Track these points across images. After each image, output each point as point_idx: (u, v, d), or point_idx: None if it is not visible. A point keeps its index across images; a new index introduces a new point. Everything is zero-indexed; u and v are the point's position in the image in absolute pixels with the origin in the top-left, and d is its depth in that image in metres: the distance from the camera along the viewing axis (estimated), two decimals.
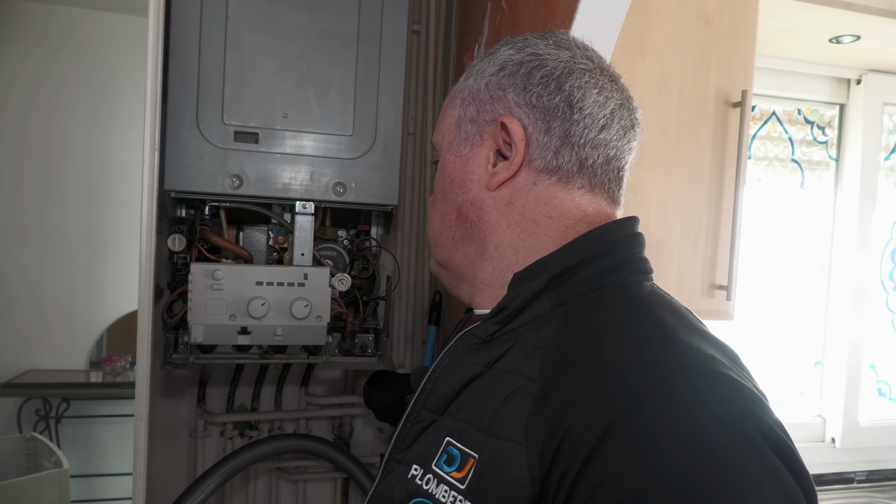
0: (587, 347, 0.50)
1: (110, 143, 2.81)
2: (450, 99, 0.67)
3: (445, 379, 0.56)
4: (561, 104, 0.58)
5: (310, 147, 1.16)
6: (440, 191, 0.66)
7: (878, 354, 2.00)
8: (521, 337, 0.54)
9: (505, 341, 0.55)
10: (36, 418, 2.67)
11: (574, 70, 0.59)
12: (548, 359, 0.50)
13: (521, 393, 0.49)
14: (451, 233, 0.64)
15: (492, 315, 0.56)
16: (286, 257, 1.20)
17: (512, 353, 0.53)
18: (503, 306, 0.55)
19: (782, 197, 1.89)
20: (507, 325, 0.55)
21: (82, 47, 2.76)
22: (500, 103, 0.60)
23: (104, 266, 2.83)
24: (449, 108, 0.66)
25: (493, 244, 0.61)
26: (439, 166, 0.66)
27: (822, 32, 1.57)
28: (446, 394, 0.55)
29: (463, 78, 0.66)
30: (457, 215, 0.63)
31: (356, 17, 1.17)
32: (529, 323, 0.54)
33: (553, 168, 0.58)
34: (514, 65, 0.60)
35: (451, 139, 0.64)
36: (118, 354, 2.81)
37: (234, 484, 1.49)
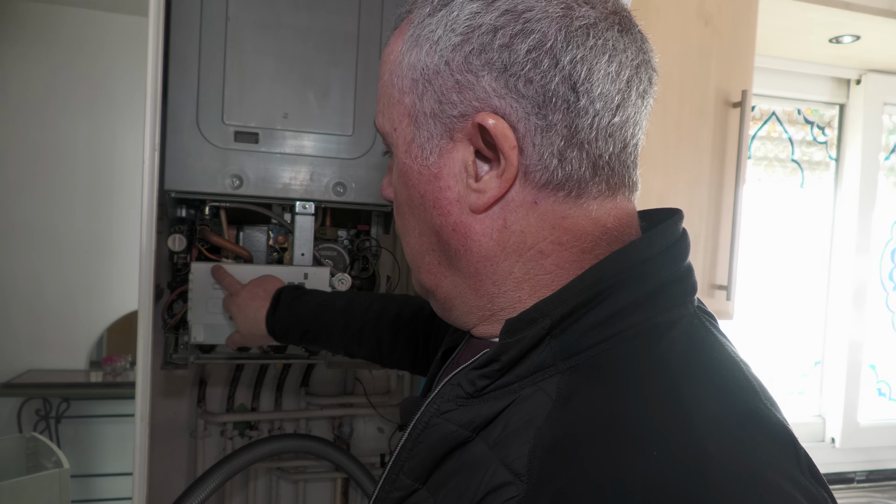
0: (584, 448, 0.37)
1: (110, 143, 2.81)
2: (390, 72, 0.48)
3: (427, 441, 0.45)
4: (560, 88, 0.41)
5: (310, 147, 1.16)
6: (406, 202, 0.49)
7: (878, 354, 2.00)
8: (519, 396, 0.41)
9: (497, 398, 0.42)
10: (36, 418, 2.67)
11: (573, 32, 0.42)
12: (538, 450, 0.38)
13: (501, 494, 0.38)
14: (434, 257, 0.49)
15: (481, 366, 0.43)
16: (286, 257, 1.20)
17: (503, 417, 0.41)
18: (493, 358, 0.42)
19: (782, 197, 1.89)
20: (500, 379, 0.43)
21: (82, 47, 2.76)
22: (470, 92, 0.43)
23: (104, 266, 2.83)
24: (392, 89, 0.47)
25: (489, 279, 0.46)
26: (398, 168, 0.49)
27: (822, 32, 1.57)
28: (426, 460, 0.44)
29: (405, 41, 0.46)
30: (437, 239, 0.48)
31: (356, 17, 1.17)
32: (528, 378, 0.41)
33: (559, 180, 0.43)
34: (484, 32, 0.42)
35: (408, 138, 0.47)
36: (118, 354, 2.81)
37: (234, 484, 1.49)
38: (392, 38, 0.49)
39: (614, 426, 0.37)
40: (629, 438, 0.36)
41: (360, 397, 1.55)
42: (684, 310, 0.44)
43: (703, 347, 0.43)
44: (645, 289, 0.42)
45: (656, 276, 0.43)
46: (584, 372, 0.40)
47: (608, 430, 0.37)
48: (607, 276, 0.41)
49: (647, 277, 0.42)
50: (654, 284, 0.42)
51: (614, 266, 0.42)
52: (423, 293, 0.54)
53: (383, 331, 0.94)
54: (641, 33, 0.47)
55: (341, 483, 1.57)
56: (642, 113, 0.46)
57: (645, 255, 0.43)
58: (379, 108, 0.50)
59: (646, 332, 0.41)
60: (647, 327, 0.41)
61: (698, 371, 0.40)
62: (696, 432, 0.36)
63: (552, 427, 0.38)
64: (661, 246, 0.43)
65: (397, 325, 0.93)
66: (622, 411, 0.37)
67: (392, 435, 1.62)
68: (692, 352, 0.42)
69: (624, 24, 0.45)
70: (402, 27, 0.47)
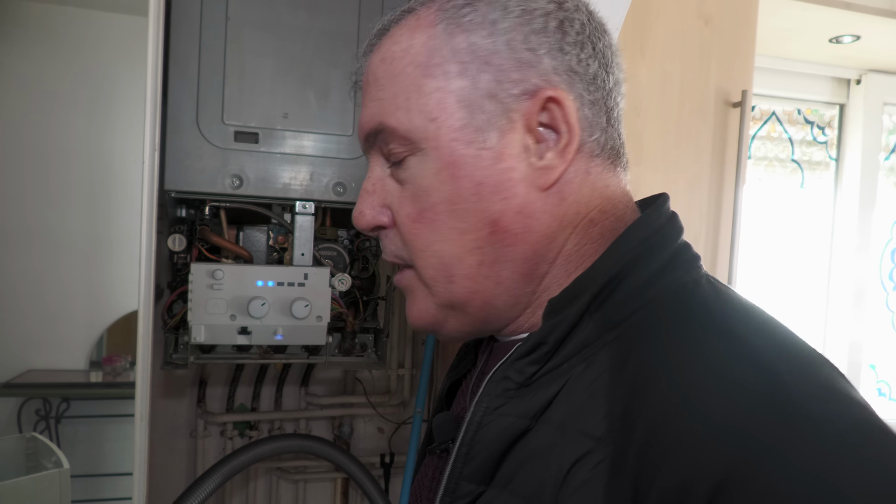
0: (660, 392, 0.36)
1: (110, 143, 2.81)
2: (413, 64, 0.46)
3: (484, 440, 0.43)
4: (600, 71, 0.46)
5: (310, 147, 1.16)
6: (445, 201, 0.46)
7: (878, 354, 2.00)
8: (571, 375, 0.42)
9: (549, 382, 0.42)
10: (36, 418, 2.67)
11: (596, 24, 0.48)
12: (614, 413, 0.38)
13: (588, 461, 0.37)
14: (475, 258, 0.46)
15: (528, 352, 0.43)
16: (286, 257, 1.20)
17: (562, 398, 0.41)
18: (541, 341, 0.43)
19: (782, 197, 1.89)
20: (549, 362, 0.43)
21: (82, 47, 2.76)
22: (532, 70, 0.44)
23: (104, 266, 2.83)
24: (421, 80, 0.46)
25: (544, 259, 0.46)
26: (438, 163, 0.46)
27: (822, 32, 1.57)
28: (487, 459, 0.43)
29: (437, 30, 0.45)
30: (490, 231, 0.45)
31: (356, 17, 1.17)
32: (576, 356, 0.42)
33: (606, 152, 0.47)
34: (539, 14, 0.45)
35: (459, 124, 0.45)
36: (118, 354, 2.81)
37: (234, 484, 1.49)
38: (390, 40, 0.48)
39: (683, 364, 0.37)
40: (702, 371, 0.36)
41: (360, 397, 1.55)
42: (699, 272, 0.46)
43: (731, 297, 0.44)
44: (666, 254, 0.44)
45: (671, 242, 0.45)
46: (630, 338, 0.41)
47: (679, 369, 0.37)
48: (634, 244, 0.44)
49: (664, 244, 0.45)
50: (671, 250, 0.45)
51: (638, 236, 0.44)
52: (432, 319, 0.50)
53: None
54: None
55: (341, 483, 1.57)
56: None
57: (655, 226, 0.45)
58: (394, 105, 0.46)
59: (678, 291, 0.43)
60: (677, 287, 0.43)
61: (739, 313, 0.42)
62: (763, 357, 0.36)
63: (619, 388, 0.39)
64: (664, 217, 0.46)
65: None
66: (686, 351, 0.38)
67: (392, 435, 1.62)
68: (725, 300, 0.43)
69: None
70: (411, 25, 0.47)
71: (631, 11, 0.88)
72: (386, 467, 1.56)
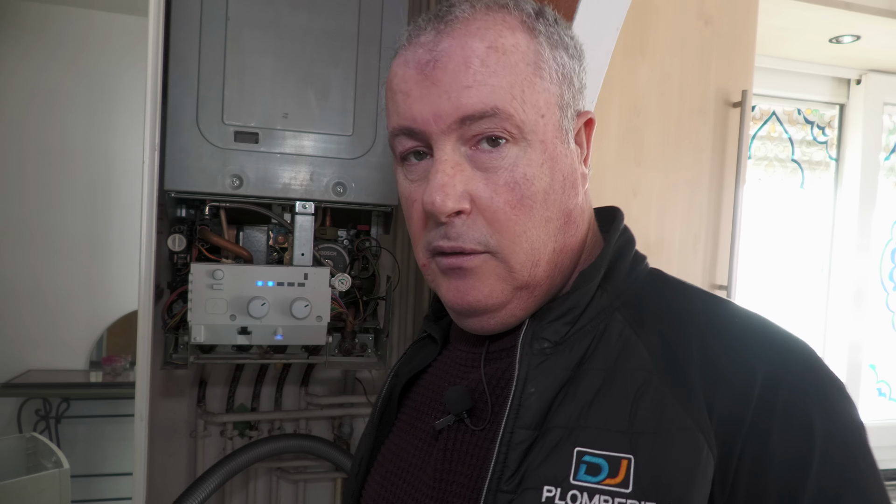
0: (684, 328, 0.51)
1: (110, 143, 2.81)
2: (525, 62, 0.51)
3: (536, 392, 0.51)
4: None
5: (310, 147, 1.16)
6: (546, 189, 0.52)
7: (878, 354, 2.00)
8: (595, 332, 0.53)
9: (580, 339, 0.53)
10: (36, 418, 2.67)
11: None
12: (654, 348, 0.50)
13: (650, 386, 0.48)
14: (553, 244, 0.54)
15: (562, 315, 0.53)
16: (286, 257, 1.20)
17: (598, 350, 0.52)
18: (574, 305, 0.53)
19: (782, 197, 1.89)
20: (576, 323, 0.53)
21: (82, 47, 2.76)
22: (581, 95, 0.57)
23: (104, 266, 2.83)
24: (535, 78, 0.52)
25: (576, 250, 0.57)
26: (545, 154, 0.52)
27: (822, 32, 1.57)
28: (541, 406, 0.51)
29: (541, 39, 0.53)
30: (565, 221, 0.54)
31: (356, 17, 1.17)
32: (596, 318, 0.53)
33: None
34: (581, 51, 0.57)
35: (556, 124, 0.53)
36: (118, 354, 2.81)
37: (234, 484, 1.49)
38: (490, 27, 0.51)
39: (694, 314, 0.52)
40: (712, 310, 0.53)
41: (360, 397, 1.55)
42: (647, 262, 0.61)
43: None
44: (634, 247, 0.59)
45: (632, 243, 0.59)
46: (634, 303, 0.54)
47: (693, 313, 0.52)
48: (618, 240, 0.57)
49: (631, 242, 0.59)
50: (634, 247, 0.59)
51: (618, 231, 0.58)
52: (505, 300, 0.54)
53: None
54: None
55: (341, 483, 1.57)
56: None
57: (623, 227, 0.59)
58: (511, 94, 0.50)
59: (651, 273, 0.58)
60: (648, 270, 0.59)
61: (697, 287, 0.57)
62: (741, 307, 0.53)
63: (649, 335, 0.51)
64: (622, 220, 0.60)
65: None
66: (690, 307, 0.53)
67: None
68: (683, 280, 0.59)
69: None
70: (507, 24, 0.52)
71: (631, 11, 0.88)
72: None
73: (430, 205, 0.50)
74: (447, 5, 0.54)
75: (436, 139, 0.51)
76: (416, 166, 0.54)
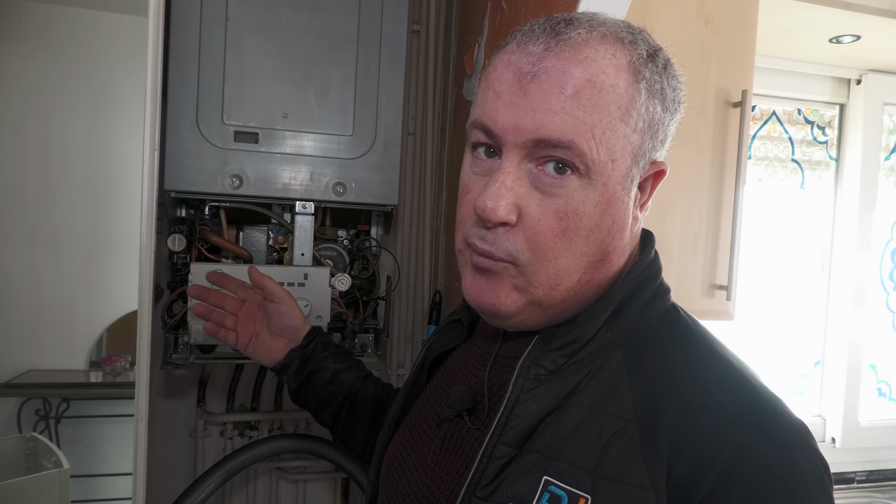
0: (672, 387, 0.51)
1: (110, 143, 2.80)
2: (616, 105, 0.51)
3: (522, 414, 0.54)
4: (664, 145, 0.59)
5: (310, 147, 1.16)
6: (592, 227, 0.53)
7: (878, 354, 2.00)
8: (592, 367, 0.54)
9: (574, 371, 0.55)
10: (36, 418, 2.67)
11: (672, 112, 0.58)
12: (638, 401, 0.51)
13: (623, 435, 0.50)
14: (579, 275, 0.55)
15: (562, 347, 0.55)
16: (286, 257, 1.20)
17: (589, 386, 0.53)
18: (575, 339, 0.55)
19: (782, 197, 1.89)
20: (575, 356, 0.55)
21: (82, 47, 2.75)
22: (662, 146, 0.57)
23: (104, 266, 2.83)
24: (618, 123, 0.52)
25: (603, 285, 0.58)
26: (600, 196, 0.53)
27: (822, 32, 1.56)
28: (525, 428, 0.54)
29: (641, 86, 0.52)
30: (600, 259, 0.55)
31: (356, 17, 1.17)
32: (596, 353, 0.55)
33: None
34: (681, 104, 0.57)
35: (625, 172, 0.53)
36: (118, 354, 2.81)
37: (234, 484, 1.49)
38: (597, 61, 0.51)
39: (687, 372, 0.53)
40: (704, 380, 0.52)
41: None
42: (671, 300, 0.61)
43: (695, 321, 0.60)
44: (655, 285, 0.59)
45: (656, 277, 0.59)
46: (638, 343, 0.55)
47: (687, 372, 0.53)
48: (636, 277, 0.57)
49: (653, 277, 0.59)
50: (657, 282, 0.59)
51: (639, 270, 0.58)
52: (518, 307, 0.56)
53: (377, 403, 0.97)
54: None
55: (341, 483, 1.57)
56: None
57: (648, 262, 0.59)
58: (590, 133, 0.51)
59: (665, 314, 0.58)
60: (663, 310, 0.58)
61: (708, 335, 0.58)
62: (743, 373, 0.54)
63: (639, 381, 0.52)
64: (651, 254, 0.60)
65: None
66: (687, 363, 0.54)
67: None
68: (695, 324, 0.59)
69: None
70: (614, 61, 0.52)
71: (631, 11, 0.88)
72: None
73: (481, 210, 0.52)
74: (566, 21, 0.53)
75: (508, 148, 0.53)
76: (484, 162, 0.56)
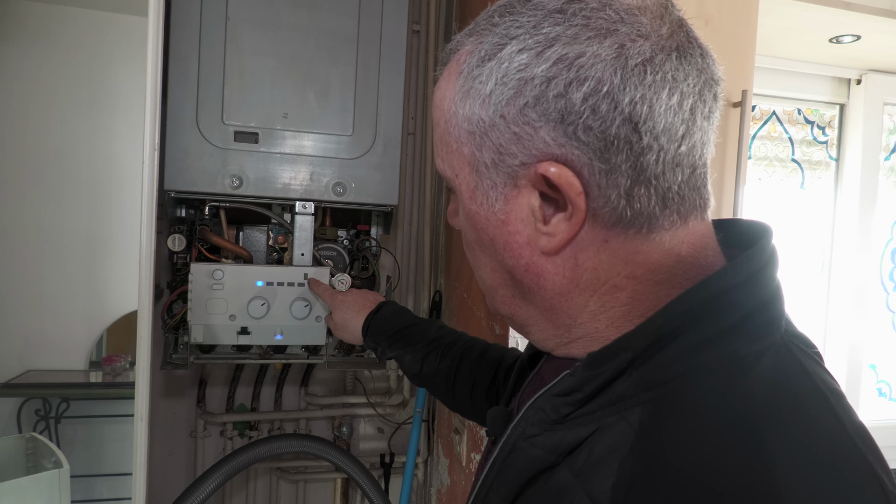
0: (663, 492, 0.37)
1: (110, 143, 2.80)
2: (445, 120, 0.48)
3: (514, 465, 0.46)
4: (622, 130, 0.41)
5: (310, 147, 1.16)
6: (476, 242, 0.50)
7: (878, 354, 2.00)
8: (602, 424, 0.42)
9: (582, 424, 0.43)
10: (36, 418, 2.67)
11: (629, 72, 0.41)
12: (620, 486, 0.38)
13: None
14: (507, 291, 0.50)
15: (563, 393, 0.45)
16: (286, 257, 1.20)
17: (587, 446, 0.42)
18: (575, 388, 0.43)
19: (782, 197, 1.89)
20: (583, 406, 0.43)
21: (82, 47, 2.75)
22: (529, 142, 0.43)
23: (104, 266, 2.83)
24: (448, 137, 0.48)
25: (564, 312, 0.47)
26: (464, 212, 0.50)
27: (822, 32, 1.56)
28: (514, 483, 0.45)
29: (457, 91, 0.46)
30: (510, 277, 0.49)
31: (356, 17, 1.17)
32: (610, 407, 0.42)
33: (629, 218, 0.43)
34: (537, 84, 0.42)
35: (471, 186, 0.47)
36: (118, 354, 2.81)
37: (234, 484, 1.49)
38: (441, 79, 0.49)
39: (695, 472, 0.36)
40: (709, 489, 0.36)
41: (360, 397, 1.55)
42: (771, 339, 0.42)
43: (789, 384, 0.41)
44: (728, 320, 0.41)
45: (740, 307, 0.42)
46: (665, 405, 0.40)
47: (689, 477, 0.36)
48: (688, 308, 0.41)
49: (730, 308, 0.41)
50: (739, 315, 0.41)
51: (696, 298, 0.41)
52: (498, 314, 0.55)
53: (470, 352, 0.93)
54: (701, 48, 0.45)
55: (341, 483, 1.57)
56: (709, 133, 0.45)
57: (728, 285, 0.41)
58: (438, 152, 0.51)
59: (729, 365, 0.40)
60: (730, 360, 0.40)
61: (783, 414, 0.39)
62: (777, 490, 0.35)
63: (634, 462, 0.38)
64: (746, 273, 0.42)
65: (485, 354, 0.92)
66: (702, 456, 0.37)
67: (392, 435, 1.62)
68: (778, 389, 0.40)
69: (682, 49, 0.43)
70: (451, 71, 0.47)
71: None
72: (386, 467, 1.56)
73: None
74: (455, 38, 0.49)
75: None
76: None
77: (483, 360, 0.91)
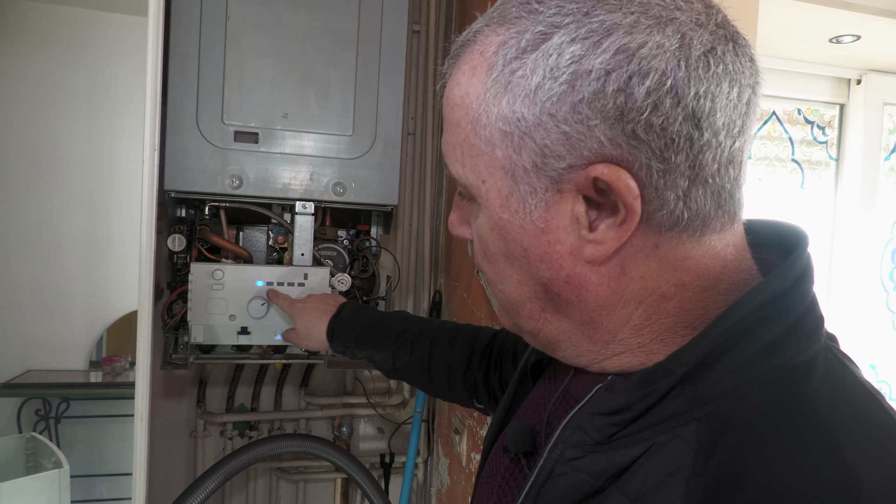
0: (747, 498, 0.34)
1: (110, 143, 2.80)
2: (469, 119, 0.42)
3: (554, 490, 0.41)
4: (684, 127, 0.37)
5: (310, 147, 1.16)
6: (503, 253, 0.45)
7: (878, 354, 2.00)
8: (654, 443, 0.39)
9: (630, 444, 0.39)
10: (36, 418, 2.67)
11: (693, 63, 0.37)
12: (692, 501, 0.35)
13: None
14: (537, 305, 0.45)
15: (609, 412, 0.41)
16: (286, 257, 1.20)
17: (642, 467, 0.38)
18: (625, 407, 0.40)
19: (782, 197, 1.89)
20: (630, 426, 0.40)
21: (82, 47, 2.75)
22: (581, 143, 0.38)
23: (104, 266, 2.83)
24: (474, 138, 0.42)
25: (605, 327, 0.43)
26: (490, 221, 0.44)
27: (822, 32, 1.56)
28: None
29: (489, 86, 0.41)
30: (544, 290, 0.44)
31: (356, 17, 1.17)
32: (661, 424, 0.39)
33: (685, 221, 0.40)
34: (595, 77, 0.37)
35: (504, 192, 0.42)
36: (118, 354, 2.81)
37: (234, 484, 1.49)
38: (459, 74, 0.43)
39: (778, 491, 0.34)
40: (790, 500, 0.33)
41: (360, 397, 1.55)
42: (818, 345, 0.41)
43: (847, 391, 0.40)
44: (780, 328, 0.39)
45: (789, 314, 0.40)
46: (723, 420, 0.37)
47: (772, 497, 0.34)
48: (742, 317, 0.39)
49: (780, 315, 0.39)
50: (788, 323, 0.39)
51: (750, 305, 0.39)
52: (516, 331, 0.50)
53: (440, 338, 0.91)
54: (745, 41, 0.42)
55: (341, 483, 1.57)
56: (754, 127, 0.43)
57: (778, 291, 0.39)
58: (456, 157, 0.44)
59: (785, 376, 0.38)
60: (786, 369, 0.39)
61: (852, 424, 0.37)
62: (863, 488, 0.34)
63: (702, 482, 0.35)
64: (791, 278, 0.40)
65: (456, 338, 0.90)
66: (781, 475, 0.34)
67: (392, 435, 1.62)
68: (839, 398, 0.39)
69: (736, 40, 0.40)
70: (475, 65, 0.42)
71: None
72: (386, 467, 1.57)
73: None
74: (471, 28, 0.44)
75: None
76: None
77: (454, 347, 0.89)
